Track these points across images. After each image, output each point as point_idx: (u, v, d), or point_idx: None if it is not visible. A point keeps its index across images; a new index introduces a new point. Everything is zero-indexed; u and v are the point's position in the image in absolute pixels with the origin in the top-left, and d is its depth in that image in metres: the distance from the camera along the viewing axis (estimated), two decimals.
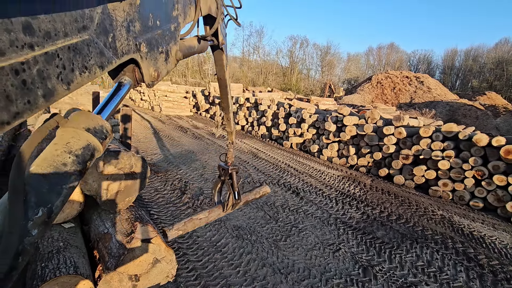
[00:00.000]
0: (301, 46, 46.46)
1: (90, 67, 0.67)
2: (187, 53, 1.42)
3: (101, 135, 0.74)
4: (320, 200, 5.24)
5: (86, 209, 1.72)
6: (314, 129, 8.63)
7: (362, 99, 25.93)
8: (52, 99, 0.57)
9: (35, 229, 0.56)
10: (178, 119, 13.22)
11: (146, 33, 0.94)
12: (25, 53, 0.49)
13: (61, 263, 1.21)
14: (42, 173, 0.62)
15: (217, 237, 3.70)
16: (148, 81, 1.00)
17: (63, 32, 0.58)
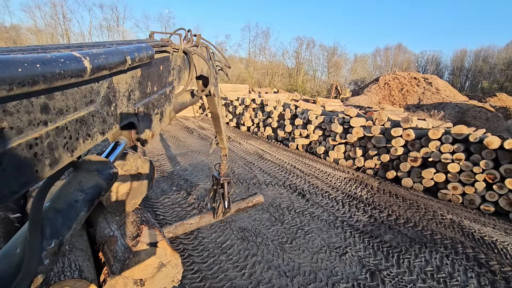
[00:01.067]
0: (308, 47, 46.30)
1: (92, 135, 0.72)
2: (179, 109, 1.59)
3: (108, 177, 0.80)
4: (326, 202, 5.19)
5: (92, 211, 1.72)
6: (320, 130, 8.57)
7: (369, 100, 25.69)
8: (57, 167, 0.61)
9: (47, 259, 0.60)
10: (184, 120, 13.29)
11: (144, 99, 1.02)
12: (40, 129, 0.53)
13: (66, 266, 1.20)
14: (57, 208, 0.67)
15: (223, 239, 3.68)
16: (142, 141, 1.07)
17: (73, 108, 0.63)
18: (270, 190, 5.50)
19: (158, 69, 1.10)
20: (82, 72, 0.59)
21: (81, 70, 0.58)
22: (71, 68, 0.55)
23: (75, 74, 0.57)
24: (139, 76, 0.95)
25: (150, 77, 1.03)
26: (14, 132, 0.47)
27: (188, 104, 1.65)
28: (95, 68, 0.63)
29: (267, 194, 5.28)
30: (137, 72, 0.93)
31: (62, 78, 0.53)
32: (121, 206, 1.68)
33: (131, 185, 1.70)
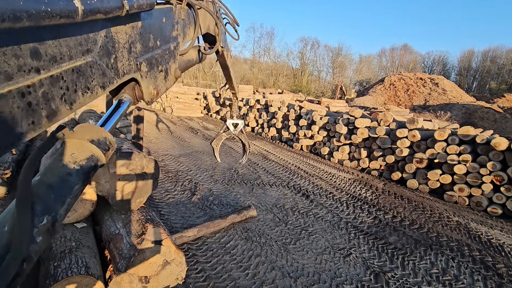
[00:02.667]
0: (312, 48, 46.21)
1: (92, 88, 0.69)
2: (185, 67, 1.49)
3: (104, 146, 0.76)
4: (330, 203, 5.17)
5: (98, 209, 1.75)
6: (324, 131, 8.54)
7: (374, 101, 25.53)
8: (55, 119, 0.58)
9: (39, 236, 0.57)
10: (189, 120, 13.36)
11: (146, 53, 0.97)
12: (32, 77, 0.51)
13: (73, 263, 1.22)
14: (47, 182, 0.63)
15: (226, 239, 3.69)
16: (147, 99, 1.03)
17: (68, 56, 0.60)
18: (274, 191, 5.50)
19: (160, 22, 1.04)
20: (73, 13, 0.55)
21: (72, 10, 0.54)
22: (60, 7, 0.51)
23: (65, 14, 0.53)
24: (139, 28, 0.89)
25: (152, 30, 0.98)
26: (2, 77, 0.45)
27: (194, 63, 1.56)
28: (88, 11, 0.59)
29: (271, 195, 5.28)
30: (137, 22, 0.88)
31: (50, 17, 0.49)
32: (127, 204, 1.70)
33: (137, 184, 1.72)
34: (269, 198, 5.11)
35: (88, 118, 3.34)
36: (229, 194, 5.13)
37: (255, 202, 4.87)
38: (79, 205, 1.62)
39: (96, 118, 3.42)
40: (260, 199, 5.02)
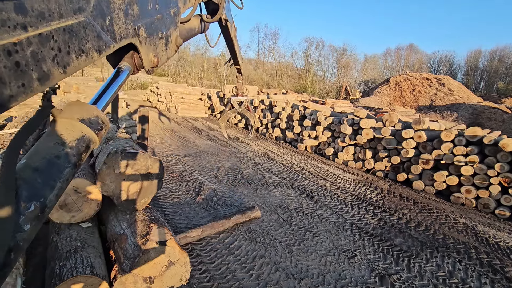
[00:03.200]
0: (317, 48, 46.04)
1: (87, 51, 0.65)
2: (187, 36, 1.39)
3: (96, 126, 0.71)
4: (335, 204, 5.13)
5: (104, 209, 1.76)
6: (329, 131, 8.49)
7: (379, 101, 25.34)
8: (48, 83, 0.55)
9: (27, 224, 0.54)
10: (193, 120, 13.41)
11: (145, 17, 0.91)
12: (18, 34, 0.47)
13: (78, 262, 1.23)
14: (34, 166, 0.59)
15: (230, 239, 3.69)
16: (147, 67, 0.98)
17: (57, 13, 0.56)
18: (278, 192, 5.48)
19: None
20: None
21: None
22: None
23: None
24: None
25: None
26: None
27: (196, 32, 1.48)
28: None
29: (275, 195, 5.26)
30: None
31: None
32: (131, 205, 1.71)
33: (141, 184, 1.73)
34: (273, 199, 5.09)
35: None
36: (233, 195, 5.13)
37: (259, 203, 4.86)
38: (84, 205, 1.62)
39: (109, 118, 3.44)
40: (264, 200, 5.02)
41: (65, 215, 1.57)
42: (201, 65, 38.08)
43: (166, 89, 15.76)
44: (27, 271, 1.33)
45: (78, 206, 1.59)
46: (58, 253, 1.32)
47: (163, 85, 16.62)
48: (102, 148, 1.98)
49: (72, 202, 1.57)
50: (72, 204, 1.57)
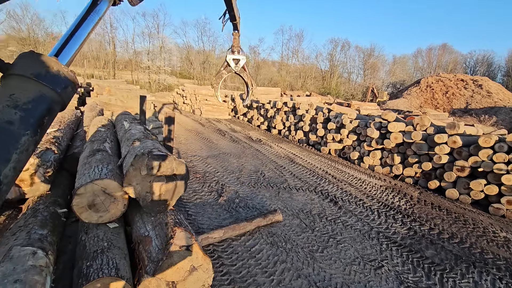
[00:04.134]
0: (342, 49, 45.00)
1: None
2: None
3: (58, 83, 0.56)
4: (360, 211, 4.93)
5: (130, 210, 1.81)
6: (354, 135, 8.22)
7: (408, 104, 24.19)
8: None
9: None
10: (217, 122, 13.61)
11: None
12: None
13: (104, 264, 1.27)
14: None
15: (252, 242, 3.66)
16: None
17: None
18: (300, 195, 5.38)
19: None
20: None
21: None
22: None
23: None
24: None
25: None
26: None
27: None
28: None
29: (297, 199, 5.17)
30: None
31: None
32: (156, 207, 1.74)
33: (167, 186, 1.75)
34: (295, 203, 5.00)
35: (123, 120, 3.50)
36: (255, 197, 5.11)
37: (281, 206, 4.80)
38: (111, 205, 1.68)
39: (131, 120, 3.57)
40: (286, 204, 4.94)
41: (93, 215, 1.63)
42: None
43: (192, 91, 16.16)
44: (57, 269, 1.38)
45: (106, 207, 1.65)
46: (86, 252, 1.37)
47: (189, 87, 17.07)
48: (129, 149, 2.04)
49: (100, 203, 1.63)
50: (100, 204, 1.63)
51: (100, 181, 1.65)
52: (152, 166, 1.68)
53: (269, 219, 4.16)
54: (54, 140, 2.57)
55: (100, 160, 2.05)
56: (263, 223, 4.10)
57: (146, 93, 13.27)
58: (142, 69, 32.14)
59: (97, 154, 2.19)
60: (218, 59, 39.79)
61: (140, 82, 28.62)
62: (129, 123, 3.23)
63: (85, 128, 3.93)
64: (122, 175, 1.88)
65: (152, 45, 35.64)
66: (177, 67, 41.12)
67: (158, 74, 30.29)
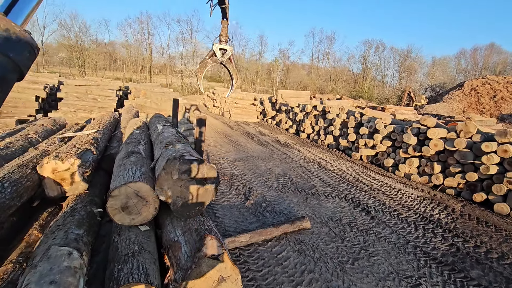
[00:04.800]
0: (376, 51, 43.21)
1: None
2: None
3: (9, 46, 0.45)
4: (395, 222, 4.63)
5: (160, 213, 1.84)
6: (389, 141, 7.79)
7: (449, 108, 22.52)
8: None
9: None
10: (245, 125, 13.72)
11: None
12: None
13: (134, 268, 1.28)
14: None
15: (278, 249, 3.58)
16: None
17: None
18: (330, 203, 5.19)
19: None
20: None
21: None
22: None
23: None
24: None
25: None
26: None
27: None
28: None
29: (326, 207, 4.99)
30: None
31: None
32: (186, 211, 1.75)
33: (197, 191, 1.76)
34: (324, 210, 4.83)
35: (156, 123, 3.63)
36: (282, 202, 5.02)
37: (309, 213, 4.66)
38: (143, 208, 1.72)
39: (164, 122, 3.69)
40: (314, 210, 4.79)
41: (126, 217, 1.68)
42: (255, 71, 39.02)
43: (221, 94, 16.48)
44: (90, 269, 1.43)
45: (138, 210, 1.69)
46: (118, 255, 1.41)
47: (219, 91, 17.43)
48: (162, 152, 2.08)
49: (133, 205, 1.68)
50: (133, 207, 1.68)
51: (133, 184, 1.70)
52: (183, 170, 1.69)
53: (296, 225, 4.05)
54: (93, 141, 2.73)
55: (134, 162, 2.12)
56: (291, 230, 4.00)
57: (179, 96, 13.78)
58: (175, 73, 33.55)
59: (132, 156, 2.27)
60: (247, 63, 40.28)
61: (174, 86, 29.86)
62: (162, 126, 3.33)
63: (121, 129, 4.14)
64: (154, 178, 1.92)
65: (185, 50, 37.08)
66: (208, 71, 42.37)
67: (190, 78, 31.39)
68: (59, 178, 2.02)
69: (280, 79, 39.75)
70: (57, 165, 2.03)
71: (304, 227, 4.10)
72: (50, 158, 2.04)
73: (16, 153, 2.66)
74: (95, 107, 9.33)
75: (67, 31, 32.79)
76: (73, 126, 4.42)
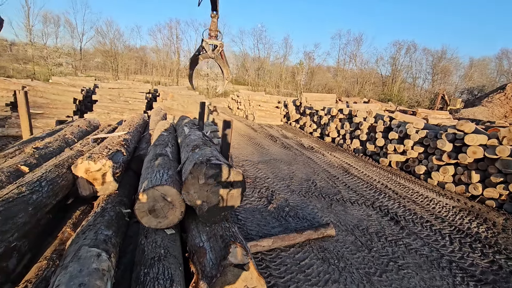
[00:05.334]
0: (407, 52, 41.27)
1: None
2: None
3: None
4: (427, 234, 4.34)
5: (186, 216, 1.85)
6: (421, 147, 7.36)
7: (489, 113, 20.90)
8: None
9: None
10: (269, 128, 13.68)
11: None
12: None
13: (160, 273, 1.29)
14: None
15: (301, 256, 3.49)
16: None
17: None
18: (356, 210, 4.99)
19: None
20: None
21: None
22: None
23: None
24: None
25: None
26: None
27: None
28: None
29: (352, 214, 4.80)
30: None
31: None
32: (212, 217, 1.74)
33: (223, 196, 1.75)
34: (350, 218, 4.65)
35: (183, 125, 3.71)
36: (305, 207, 4.91)
37: (334, 220, 4.51)
38: (170, 212, 1.74)
39: (191, 125, 3.76)
40: (339, 217, 4.63)
41: (153, 220, 1.71)
42: (279, 74, 38.93)
43: (246, 97, 16.60)
44: (117, 271, 1.47)
45: (164, 213, 1.72)
46: (144, 258, 1.43)
47: (243, 93, 17.58)
48: (188, 156, 2.11)
49: (159, 209, 1.71)
50: (160, 210, 1.71)
51: (160, 187, 1.73)
52: (210, 175, 1.69)
53: (320, 232, 3.94)
54: (124, 143, 2.84)
55: (161, 165, 2.17)
56: (314, 236, 3.89)
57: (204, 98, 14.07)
58: (201, 76, 34.39)
59: (159, 158, 2.33)
60: (272, 66, 40.30)
61: (199, 88, 30.61)
62: (188, 129, 3.40)
63: (150, 131, 4.29)
64: (181, 182, 1.94)
65: None
66: (233, 74, 42.97)
67: (216, 81, 32.01)
68: (92, 178, 2.12)
69: (305, 82, 39.29)
70: (90, 165, 2.13)
71: (328, 234, 3.97)
72: (84, 158, 2.15)
73: (54, 152, 2.84)
74: (126, 109, 9.79)
75: (102, 37, 34.92)
76: (105, 127, 4.66)
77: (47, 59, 27.08)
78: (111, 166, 2.17)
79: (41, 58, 27.19)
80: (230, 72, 2.98)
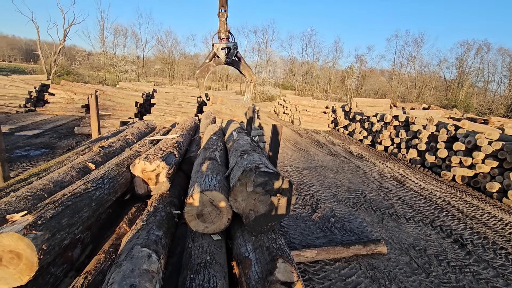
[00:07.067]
0: (478, 52, 36.54)
1: None
2: None
3: None
4: (501, 263, 3.72)
5: (232, 223, 1.86)
6: (495, 161, 6.39)
7: None
8: None
9: None
10: (315, 133, 13.33)
11: None
12: None
13: (205, 280, 1.30)
14: None
15: (347, 272, 3.27)
16: None
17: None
18: (411, 227, 4.52)
19: None
20: None
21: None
22: None
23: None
24: None
25: None
26: None
27: None
28: None
29: (407, 232, 4.36)
30: None
31: None
32: (258, 227, 1.72)
33: (271, 206, 1.72)
34: (404, 235, 4.23)
35: (232, 130, 3.80)
36: (353, 220, 4.61)
37: (385, 236, 4.15)
38: (217, 218, 1.77)
39: (239, 130, 3.84)
40: (392, 234, 4.24)
41: (200, 225, 1.76)
42: (327, 78, 37.83)
43: (292, 101, 16.46)
44: (165, 271, 1.53)
45: (212, 218, 1.75)
46: (191, 262, 1.46)
47: (290, 98, 17.46)
48: (237, 161, 2.13)
49: (207, 214, 1.74)
50: (207, 215, 1.74)
51: (208, 192, 1.77)
52: (259, 183, 1.66)
53: (370, 248, 3.65)
54: (176, 145, 3.01)
55: (210, 169, 2.24)
56: (363, 252, 3.62)
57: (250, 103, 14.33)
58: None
59: (208, 162, 2.40)
60: (320, 70, 39.36)
61: None
62: (237, 133, 3.46)
63: (200, 134, 4.49)
64: (228, 187, 1.97)
65: (259, 59, 38.59)
66: (280, 79, 43.06)
67: (263, 86, 32.45)
68: (147, 177, 2.28)
69: (355, 87, 37.45)
70: (146, 166, 2.30)
71: (379, 251, 3.66)
72: (141, 159, 2.33)
73: (116, 151, 3.15)
74: (179, 112, 10.48)
75: (162, 46, 38.15)
76: (161, 129, 5.02)
77: (115, 66, 30.59)
78: (164, 167, 2.31)
79: (111, 66, 30.80)
80: (253, 74, 2.76)
